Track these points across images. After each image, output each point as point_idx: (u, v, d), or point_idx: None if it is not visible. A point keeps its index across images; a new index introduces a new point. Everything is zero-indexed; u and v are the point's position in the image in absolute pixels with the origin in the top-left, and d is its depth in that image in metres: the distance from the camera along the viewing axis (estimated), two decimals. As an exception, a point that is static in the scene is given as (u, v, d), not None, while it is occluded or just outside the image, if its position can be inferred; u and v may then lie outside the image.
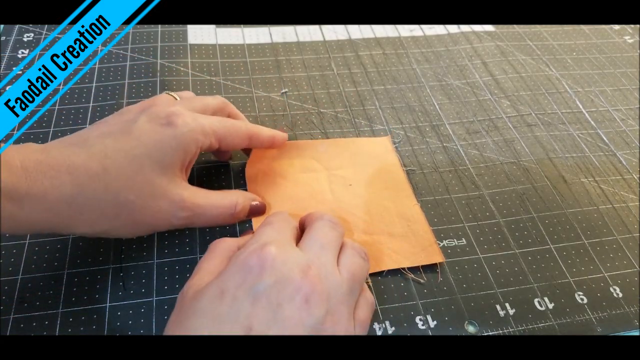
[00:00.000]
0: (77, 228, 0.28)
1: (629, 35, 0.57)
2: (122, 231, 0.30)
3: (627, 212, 0.39)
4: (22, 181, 0.25)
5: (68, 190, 0.26)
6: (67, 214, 0.27)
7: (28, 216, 0.26)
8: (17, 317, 0.30)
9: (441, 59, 0.51)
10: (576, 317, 0.32)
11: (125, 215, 0.28)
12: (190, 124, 0.30)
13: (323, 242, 0.28)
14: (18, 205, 0.25)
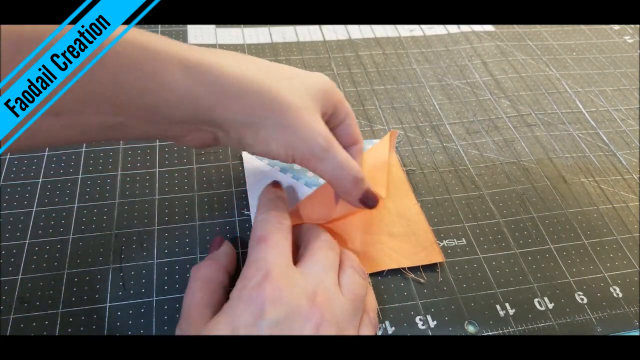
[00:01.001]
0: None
1: (629, 35, 0.57)
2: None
3: (627, 212, 0.39)
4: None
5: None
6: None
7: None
8: (17, 317, 0.30)
9: (441, 59, 0.51)
10: (576, 317, 0.32)
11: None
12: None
13: (324, 263, 0.28)
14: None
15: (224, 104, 0.26)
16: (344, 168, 0.29)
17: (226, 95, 0.26)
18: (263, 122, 0.27)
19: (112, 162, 0.39)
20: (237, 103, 0.27)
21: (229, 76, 0.26)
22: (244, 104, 0.27)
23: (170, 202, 0.36)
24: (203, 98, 0.26)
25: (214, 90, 0.26)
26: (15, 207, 0.35)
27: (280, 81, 0.28)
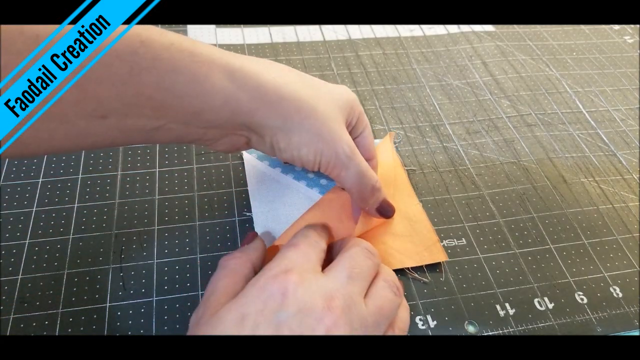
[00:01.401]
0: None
1: (629, 35, 0.57)
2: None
3: (627, 212, 0.39)
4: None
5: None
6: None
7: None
8: (17, 317, 0.30)
9: (441, 59, 0.51)
10: (576, 317, 0.32)
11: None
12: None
13: (352, 271, 0.27)
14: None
15: (264, 109, 0.28)
16: (365, 176, 0.31)
17: (266, 101, 0.28)
18: (298, 129, 0.29)
19: (112, 162, 0.39)
20: (276, 109, 0.28)
21: (268, 83, 0.28)
22: (282, 110, 0.28)
23: (170, 202, 0.36)
24: (244, 103, 0.27)
25: (255, 95, 0.28)
26: (15, 207, 0.35)
27: (313, 91, 0.30)
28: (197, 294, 0.32)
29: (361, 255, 0.28)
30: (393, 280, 0.29)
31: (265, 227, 0.35)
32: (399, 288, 0.28)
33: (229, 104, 0.27)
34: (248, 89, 0.27)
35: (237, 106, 0.27)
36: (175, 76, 0.26)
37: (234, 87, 0.27)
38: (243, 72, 0.27)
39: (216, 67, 0.27)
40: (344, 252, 0.29)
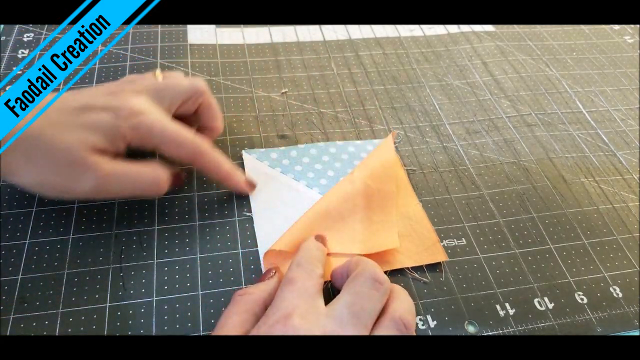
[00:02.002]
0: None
1: (629, 35, 0.57)
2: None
3: (627, 212, 0.39)
4: None
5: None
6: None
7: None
8: (17, 317, 0.30)
9: (441, 59, 0.51)
10: (576, 317, 0.32)
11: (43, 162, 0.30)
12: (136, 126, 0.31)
13: (356, 308, 0.26)
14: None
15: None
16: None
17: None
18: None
19: (112, 162, 0.39)
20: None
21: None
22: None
23: (170, 202, 0.36)
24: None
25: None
26: (15, 207, 0.35)
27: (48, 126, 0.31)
28: (197, 294, 0.32)
29: (366, 288, 0.27)
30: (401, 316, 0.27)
31: (265, 227, 0.35)
32: (407, 326, 0.27)
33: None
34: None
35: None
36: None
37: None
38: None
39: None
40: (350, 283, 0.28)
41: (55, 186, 0.30)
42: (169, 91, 0.34)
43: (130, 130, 0.31)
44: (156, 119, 0.32)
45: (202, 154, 0.33)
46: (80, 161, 0.30)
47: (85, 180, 0.30)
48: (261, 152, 0.40)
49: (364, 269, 0.29)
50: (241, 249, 0.34)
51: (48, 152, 0.29)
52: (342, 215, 0.35)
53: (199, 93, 0.36)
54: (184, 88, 0.35)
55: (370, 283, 0.27)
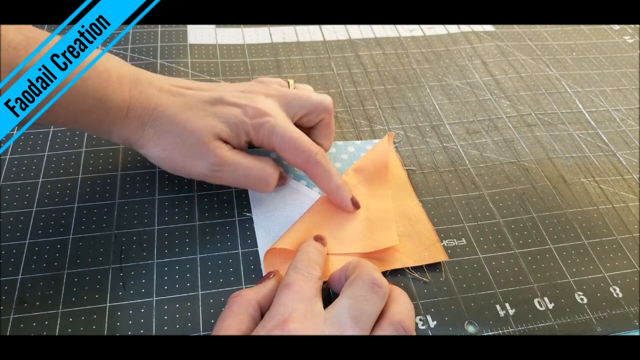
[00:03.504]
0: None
1: (629, 35, 0.57)
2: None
3: (627, 212, 0.39)
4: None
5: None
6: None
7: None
8: (17, 317, 0.30)
9: (441, 59, 0.51)
10: (576, 317, 0.32)
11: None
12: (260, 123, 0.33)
13: (355, 312, 0.26)
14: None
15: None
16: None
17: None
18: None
19: (112, 162, 0.39)
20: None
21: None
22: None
23: (170, 202, 0.36)
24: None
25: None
26: (15, 207, 0.35)
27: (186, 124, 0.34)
28: (196, 294, 0.32)
29: (365, 291, 0.27)
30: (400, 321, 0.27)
31: (265, 227, 0.35)
32: (406, 329, 0.27)
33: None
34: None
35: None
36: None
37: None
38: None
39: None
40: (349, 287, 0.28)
41: (177, 163, 0.33)
42: (298, 101, 0.36)
43: (254, 128, 0.33)
44: (280, 122, 0.34)
45: (316, 164, 0.34)
46: (204, 144, 0.32)
47: (204, 162, 0.32)
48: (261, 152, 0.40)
49: (362, 271, 0.29)
50: (241, 249, 0.34)
51: (179, 131, 0.32)
52: (341, 214, 0.35)
53: (326, 111, 0.37)
54: (312, 102, 0.36)
55: (369, 286, 0.28)
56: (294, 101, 0.36)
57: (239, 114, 0.33)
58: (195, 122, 0.32)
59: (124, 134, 0.33)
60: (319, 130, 0.37)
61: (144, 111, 0.32)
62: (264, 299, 0.29)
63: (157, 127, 0.32)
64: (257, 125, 0.33)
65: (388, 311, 0.28)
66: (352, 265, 0.30)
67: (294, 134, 0.34)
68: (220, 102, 0.34)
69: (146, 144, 0.33)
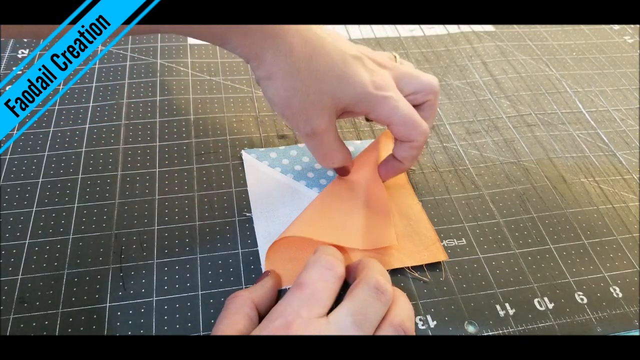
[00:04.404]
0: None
1: (629, 35, 0.57)
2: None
3: (627, 212, 0.39)
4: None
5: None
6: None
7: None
8: (17, 317, 0.30)
9: (441, 59, 0.51)
10: (576, 317, 0.32)
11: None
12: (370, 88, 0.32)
13: (357, 318, 0.26)
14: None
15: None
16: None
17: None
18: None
19: (112, 162, 0.39)
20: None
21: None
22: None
23: (170, 202, 0.36)
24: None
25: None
26: (15, 207, 0.35)
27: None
28: (196, 294, 0.32)
29: (369, 297, 0.27)
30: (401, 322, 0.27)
31: (265, 227, 0.35)
32: (406, 331, 0.27)
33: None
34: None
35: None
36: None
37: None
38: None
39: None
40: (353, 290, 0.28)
41: (288, 112, 0.31)
42: (409, 79, 0.35)
43: (374, 102, 0.32)
44: (401, 98, 0.33)
45: (424, 139, 0.34)
46: (317, 105, 0.31)
47: (308, 123, 0.31)
48: (261, 152, 0.40)
49: (368, 274, 0.29)
50: (241, 249, 0.34)
51: (309, 80, 0.30)
52: (345, 207, 0.35)
53: (432, 92, 0.35)
54: (422, 82, 0.35)
55: (373, 292, 0.27)
56: (405, 78, 0.35)
57: (366, 81, 0.32)
58: (323, 78, 0.30)
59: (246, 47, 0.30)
60: (424, 111, 0.36)
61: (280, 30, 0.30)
62: (259, 298, 0.29)
63: (291, 64, 0.30)
64: (380, 99, 0.32)
65: (389, 314, 0.28)
66: (361, 265, 0.30)
67: (411, 111, 0.33)
68: (360, 58, 0.32)
69: (274, 78, 0.30)
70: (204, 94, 0.44)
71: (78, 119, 0.41)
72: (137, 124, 0.41)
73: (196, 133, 0.41)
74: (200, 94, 0.44)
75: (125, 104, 0.43)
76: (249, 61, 0.31)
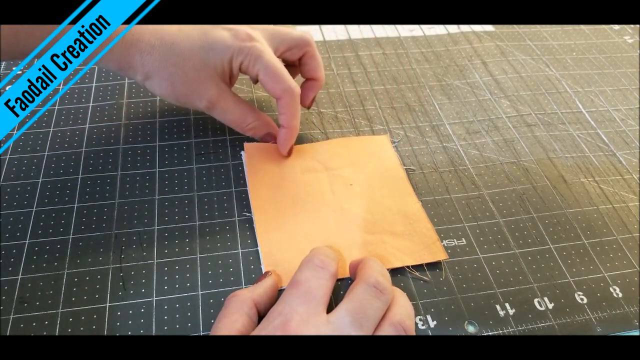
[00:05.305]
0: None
1: (629, 35, 0.57)
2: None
3: (627, 212, 0.39)
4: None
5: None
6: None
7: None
8: (17, 317, 0.30)
9: (441, 59, 0.51)
10: (576, 317, 0.32)
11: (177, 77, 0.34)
12: (248, 48, 0.34)
13: (357, 317, 0.26)
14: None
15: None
16: (230, 115, 0.38)
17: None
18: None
19: (112, 162, 0.39)
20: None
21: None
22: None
23: (170, 202, 0.36)
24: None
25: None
26: (15, 207, 0.35)
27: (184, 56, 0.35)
28: (197, 294, 0.32)
29: (368, 296, 0.27)
30: (400, 320, 0.27)
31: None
32: (406, 330, 0.27)
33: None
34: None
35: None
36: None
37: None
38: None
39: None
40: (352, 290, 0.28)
41: (181, 96, 0.35)
42: (280, 35, 0.37)
43: (242, 52, 0.34)
44: (266, 49, 0.35)
45: (292, 97, 0.35)
46: (199, 79, 0.34)
47: (201, 97, 0.35)
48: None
49: (367, 273, 0.29)
50: (241, 249, 0.34)
51: (180, 61, 0.33)
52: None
53: (306, 43, 0.38)
54: (293, 37, 0.37)
55: (372, 291, 0.28)
56: (276, 35, 0.37)
57: (230, 37, 0.34)
58: (193, 53, 0.33)
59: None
60: (307, 64, 0.38)
61: (148, 35, 0.33)
62: (259, 297, 0.29)
63: (161, 55, 0.33)
64: (246, 48, 0.34)
65: (389, 312, 0.28)
66: (361, 264, 0.30)
67: (277, 64, 0.35)
68: (214, 28, 0.35)
69: (152, 74, 0.34)
70: (204, 94, 0.44)
71: (78, 119, 0.41)
72: (137, 124, 0.41)
73: (196, 133, 0.41)
74: (200, 94, 0.44)
75: (125, 104, 0.43)
76: (124, 72, 0.34)
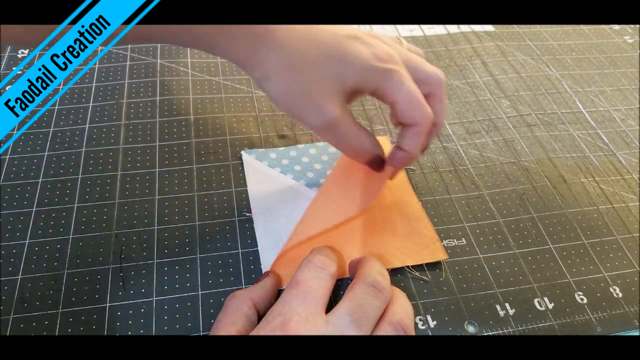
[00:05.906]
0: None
1: (629, 35, 0.57)
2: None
3: (627, 212, 0.39)
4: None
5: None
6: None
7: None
8: (17, 317, 0.30)
9: (441, 59, 0.51)
10: (576, 317, 0.32)
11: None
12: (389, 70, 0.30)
13: (356, 316, 0.26)
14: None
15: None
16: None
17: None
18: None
19: (112, 162, 0.39)
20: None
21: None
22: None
23: (170, 202, 0.36)
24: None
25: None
26: (15, 207, 0.35)
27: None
28: (196, 294, 0.32)
29: (367, 295, 0.27)
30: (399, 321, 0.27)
31: (265, 227, 0.35)
32: (405, 329, 0.27)
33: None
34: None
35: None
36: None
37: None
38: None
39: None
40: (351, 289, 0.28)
41: (294, 108, 0.30)
42: (413, 63, 0.32)
43: (384, 76, 0.30)
44: (406, 74, 0.31)
45: (429, 124, 0.31)
46: (323, 93, 0.29)
47: (319, 114, 0.30)
48: (260, 152, 0.40)
49: (365, 273, 0.29)
50: (241, 249, 0.34)
51: (306, 69, 0.29)
52: (340, 211, 0.35)
53: (438, 83, 0.33)
54: (426, 72, 0.32)
55: (371, 290, 0.28)
56: (409, 62, 0.32)
57: (369, 56, 0.29)
58: (321, 65, 0.29)
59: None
60: (432, 105, 0.32)
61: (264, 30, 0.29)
62: (258, 297, 0.29)
63: (284, 58, 0.29)
64: (388, 73, 0.30)
65: (388, 312, 0.28)
66: (360, 263, 0.30)
67: (417, 90, 0.31)
68: (355, 39, 0.30)
69: (269, 76, 0.29)
70: (204, 94, 0.44)
71: (78, 119, 0.41)
72: (137, 124, 0.41)
73: (196, 133, 0.41)
74: (200, 94, 0.44)
75: (125, 104, 0.43)
76: (242, 65, 0.30)
